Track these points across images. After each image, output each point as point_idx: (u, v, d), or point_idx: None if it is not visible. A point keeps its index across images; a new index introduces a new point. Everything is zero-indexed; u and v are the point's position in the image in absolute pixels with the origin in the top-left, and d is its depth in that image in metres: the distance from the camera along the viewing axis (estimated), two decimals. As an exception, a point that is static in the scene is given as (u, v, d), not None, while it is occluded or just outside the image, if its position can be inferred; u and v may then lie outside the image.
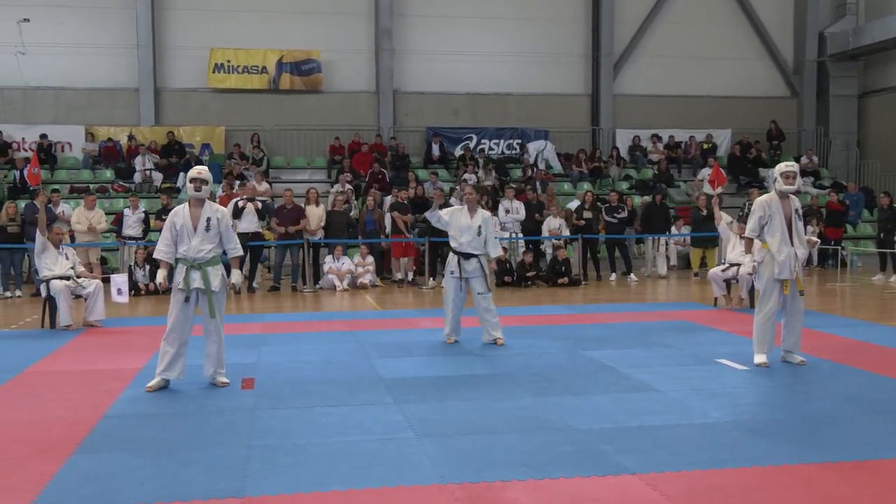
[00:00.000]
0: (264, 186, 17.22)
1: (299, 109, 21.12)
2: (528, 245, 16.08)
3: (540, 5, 21.93)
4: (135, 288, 13.42)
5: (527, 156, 21.01)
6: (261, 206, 14.95)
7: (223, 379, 6.97)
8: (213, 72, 20.60)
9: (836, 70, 23.00)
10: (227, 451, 5.12)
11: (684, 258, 17.85)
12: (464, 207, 8.97)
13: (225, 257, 7.12)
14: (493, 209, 16.85)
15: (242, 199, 14.47)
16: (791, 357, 7.66)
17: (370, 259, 15.13)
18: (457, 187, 17.12)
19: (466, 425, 5.66)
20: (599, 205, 16.59)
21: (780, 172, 7.50)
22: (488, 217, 9.00)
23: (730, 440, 5.28)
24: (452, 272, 8.85)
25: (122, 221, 15.31)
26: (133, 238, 15.06)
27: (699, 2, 22.73)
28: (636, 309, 11.82)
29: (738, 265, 11.32)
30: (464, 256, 8.80)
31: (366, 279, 14.83)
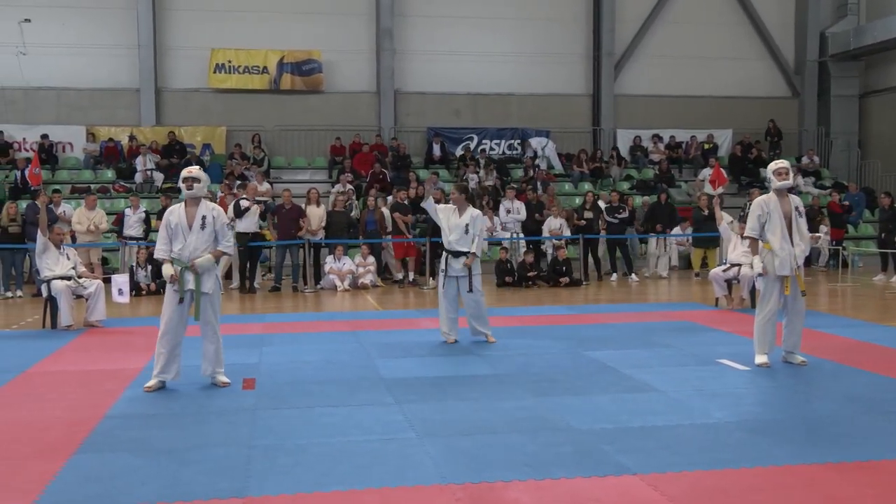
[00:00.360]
0: (265, 187, 17.23)
1: (300, 110, 21.13)
2: (528, 245, 16.08)
3: (541, 5, 21.93)
4: (136, 288, 13.42)
5: (529, 151, 20.97)
6: (263, 207, 14.96)
7: (223, 378, 6.97)
8: (214, 72, 20.61)
9: (838, 70, 22.99)
10: (229, 452, 5.12)
11: (685, 258, 17.85)
12: (455, 206, 9.02)
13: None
14: (495, 209, 16.87)
15: (247, 200, 14.45)
16: (792, 357, 7.67)
17: (371, 259, 15.14)
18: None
19: (467, 425, 5.66)
20: (600, 205, 16.58)
21: (772, 170, 7.61)
22: (477, 215, 8.97)
23: (731, 440, 5.28)
24: (443, 270, 8.91)
25: (122, 222, 15.32)
26: (134, 238, 15.06)
27: (700, 2, 22.73)
28: (637, 309, 11.82)
29: (739, 265, 11.32)
30: (453, 255, 8.85)
31: (367, 279, 14.84)
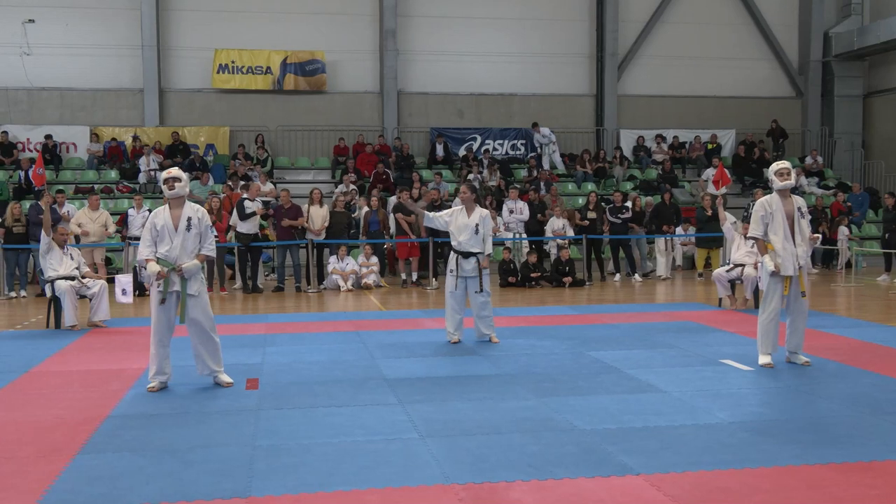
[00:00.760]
0: (269, 187, 17.24)
1: (303, 110, 21.15)
2: (531, 245, 16.07)
3: (544, 6, 21.92)
4: (139, 288, 13.42)
5: (539, 137, 20.89)
6: (266, 208, 14.94)
7: (225, 378, 6.96)
8: (218, 72, 20.63)
9: (841, 70, 22.97)
10: (232, 452, 5.12)
11: (689, 258, 17.83)
12: (462, 207, 9.00)
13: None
14: (497, 209, 16.87)
15: (251, 201, 14.45)
16: (796, 358, 7.66)
17: (374, 259, 15.14)
18: (460, 188, 17.09)
19: (471, 426, 5.66)
20: (603, 205, 16.58)
21: (774, 171, 7.61)
22: (486, 215, 9.01)
23: (735, 441, 5.27)
24: (452, 271, 8.88)
25: (126, 222, 15.33)
26: (138, 238, 14.99)
27: (703, 2, 22.70)
28: (640, 309, 11.81)
29: (742, 266, 11.32)
30: (463, 255, 8.84)
31: (370, 279, 14.84)
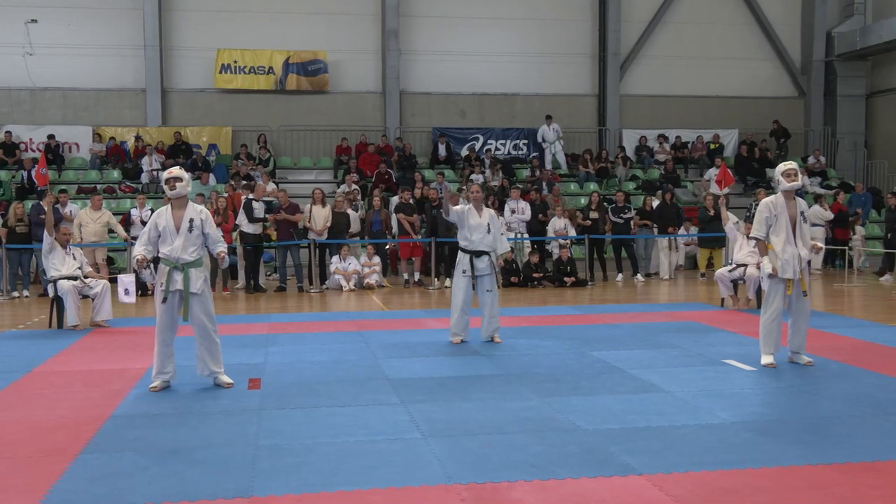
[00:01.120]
0: (271, 187, 17.24)
1: (306, 110, 21.15)
2: (533, 245, 16.07)
3: (546, 6, 21.91)
4: (142, 288, 13.44)
5: (547, 134, 20.85)
6: (268, 208, 14.94)
7: (225, 379, 6.95)
8: (220, 72, 20.63)
9: (844, 70, 22.93)
10: (234, 452, 5.12)
11: (691, 258, 17.80)
12: (471, 206, 9.02)
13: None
14: (499, 209, 16.85)
15: (259, 202, 14.47)
16: (798, 358, 7.65)
17: (376, 259, 15.14)
18: (463, 187, 17.10)
19: (473, 426, 5.66)
20: (606, 205, 16.57)
21: (781, 172, 7.59)
22: (493, 214, 9.19)
23: (737, 441, 5.27)
24: (465, 271, 8.87)
25: (129, 221, 15.33)
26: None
27: (706, 2, 22.67)
28: (643, 309, 11.80)
29: (745, 266, 11.31)
30: (476, 255, 8.84)
31: (372, 279, 14.84)
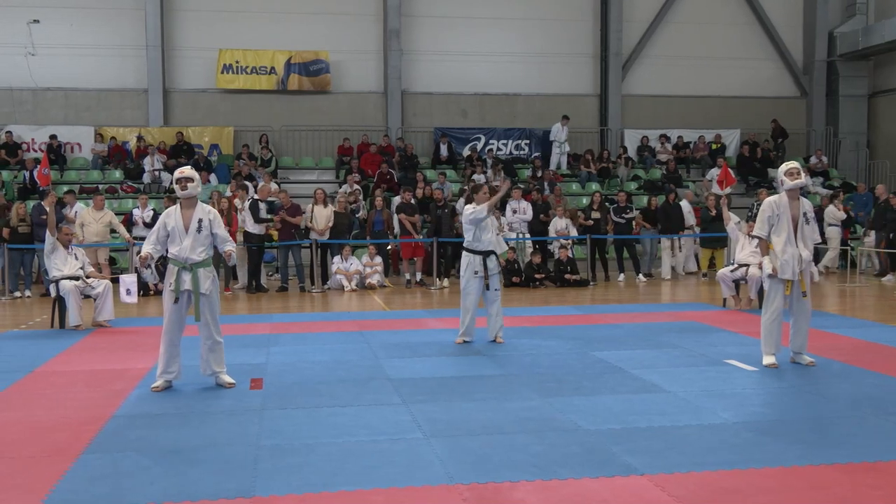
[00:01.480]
0: (273, 187, 17.25)
1: (308, 110, 21.16)
2: (535, 246, 16.06)
3: (548, 5, 21.90)
4: (144, 288, 13.46)
5: (558, 134, 20.84)
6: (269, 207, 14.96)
7: (227, 379, 6.95)
8: (222, 72, 20.64)
9: (846, 70, 22.91)
10: (236, 451, 5.13)
11: (693, 259, 17.75)
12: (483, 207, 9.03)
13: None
14: (501, 209, 16.85)
15: (264, 202, 14.49)
16: (800, 358, 7.65)
17: (378, 259, 15.14)
18: (465, 188, 17.09)
19: (475, 426, 5.66)
20: (607, 205, 16.56)
21: (784, 172, 7.58)
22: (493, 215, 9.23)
23: (739, 441, 5.27)
24: (477, 272, 8.83)
25: (131, 221, 15.36)
26: (142, 238, 15.08)
27: (708, 2, 22.66)
28: (645, 309, 11.79)
29: (747, 266, 11.30)
30: (486, 255, 8.86)
31: (374, 279, 14.84)
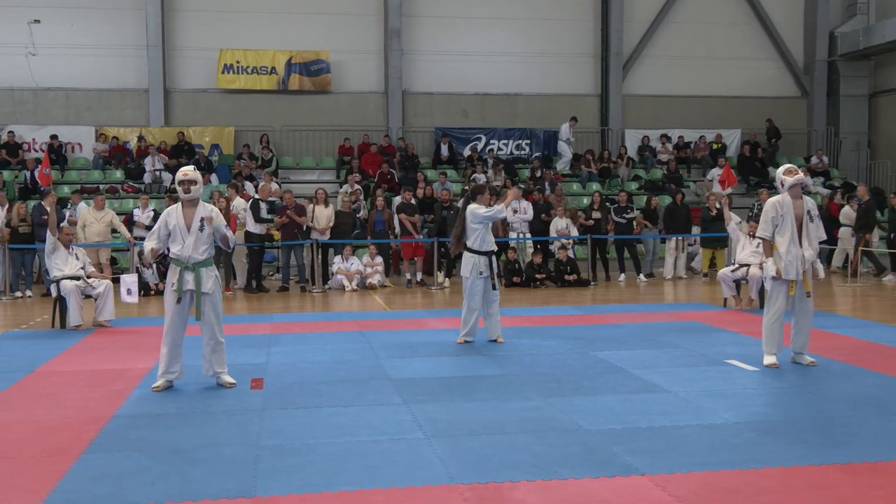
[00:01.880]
0: (274, 187, 17.25)
1: (308, 110, 21.16)
2: (536, 246, 16.06)
3: (549, 6, 21.90)
4: (144, 288, 13.46)
5: (564, 134, 20.84)
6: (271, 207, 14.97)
7: (228, 379, 6.96)
8: (223, 73, 20.65)
9: (847, 70, 22.90)
10: (237, 451, 5.13)
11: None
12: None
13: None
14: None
15: (265, 202, 14.50)
16: (801, 358, 7.64)
17: (379, 259, 15.14)
18: (466, 188, 17.08)
19: (475, 426, 5.66)
20: (608, 205, 16.55)
21: (782, 171, 7.59)
22: None
23: (740, 441, 5.26)
24: (482, 272, 8.82)
25: (132, 221, 15.37)
26: (142, 239, 15.09)
27: (708, 2, 22.65)
28: (645, 309, 11.79)
29: (747, 266, 11.30)
30: (488, 255, 8.88)
31: (375, 279, 14.84)
